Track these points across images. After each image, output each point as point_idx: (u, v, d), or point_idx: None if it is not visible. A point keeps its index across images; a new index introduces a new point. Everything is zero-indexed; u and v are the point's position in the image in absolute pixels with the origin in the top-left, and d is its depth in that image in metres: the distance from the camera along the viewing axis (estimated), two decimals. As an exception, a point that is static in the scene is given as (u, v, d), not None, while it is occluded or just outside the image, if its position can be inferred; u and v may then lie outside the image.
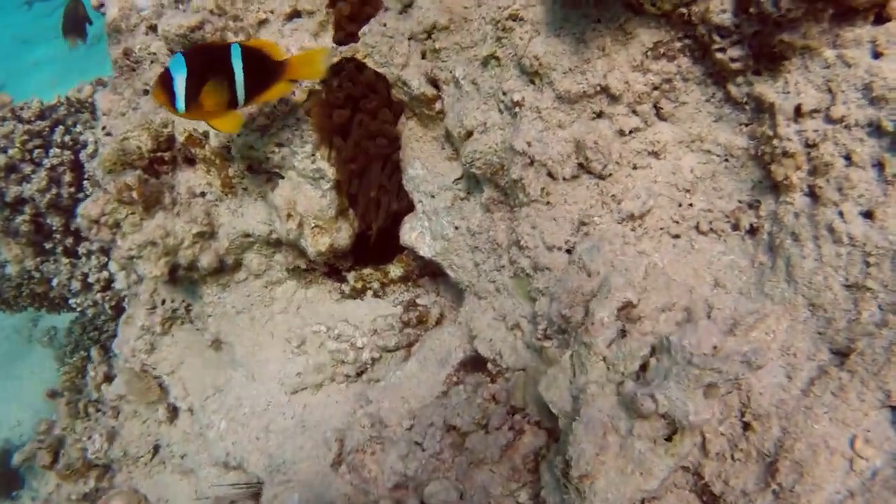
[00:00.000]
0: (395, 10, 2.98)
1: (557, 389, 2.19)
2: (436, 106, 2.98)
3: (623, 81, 2.40)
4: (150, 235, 3.40)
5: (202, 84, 2.45)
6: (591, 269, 2.29)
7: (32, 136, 5.29)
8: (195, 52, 2.55)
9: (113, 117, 3.61)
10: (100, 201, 3.37)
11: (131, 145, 3.49)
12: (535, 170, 2.52)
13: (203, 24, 2.94)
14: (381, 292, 3.65)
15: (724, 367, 1.78)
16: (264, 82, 2.60)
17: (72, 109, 5.68)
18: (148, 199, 3.39)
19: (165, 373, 3.97)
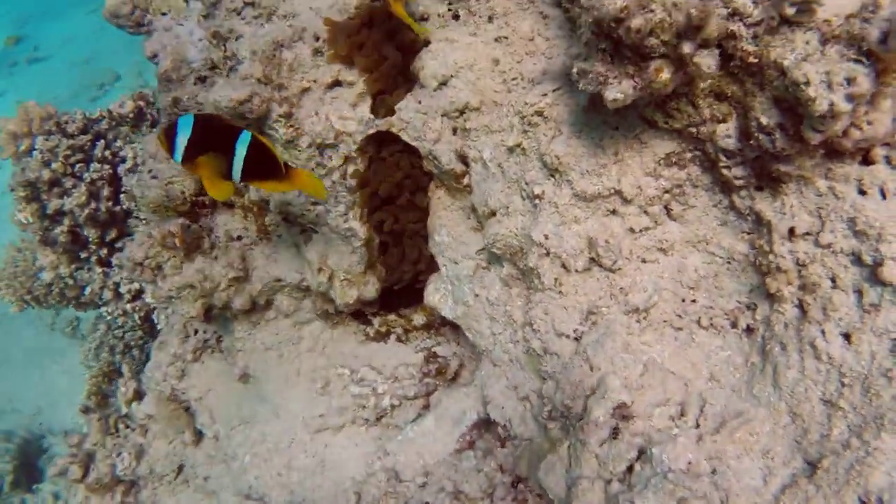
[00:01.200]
0: (431, 87, 3.28)
1: (554, 477, 2.52)
2: (464, 180, 3.28)
3: (635, 186, 2.70)
4: (189, 279, 3.73)
5: (200, 150, 2.70)
6: (594, 363, 2.60)
7: (75, 151, 5.65)
8: (206, 121, 2.79)
9: (159, 161, 3.94)
10: (144, 245, 3.71)
11: (175, 190, 3.82)
12: (551, 261, 2.83)
13: (251, 98, 3.25)
14: (405, 337, 3.97)
15: (695, 486, 2.10)
16: (263, 173, 2.82)
17: (112, 123, 6.03)
18: (189, 246, 3.72)
19: (193, 398, 4.32)
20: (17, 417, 9.00)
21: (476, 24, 3.30)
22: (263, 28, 3.65)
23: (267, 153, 2.78)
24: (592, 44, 2.33)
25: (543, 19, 3.17)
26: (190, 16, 3.91)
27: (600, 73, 2.33)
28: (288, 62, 3.40)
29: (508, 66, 3.18)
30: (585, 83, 2.40)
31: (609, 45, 2.29)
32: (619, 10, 2.13)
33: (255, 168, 2.77)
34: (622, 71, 2.31)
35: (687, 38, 2.18)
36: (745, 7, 2.18)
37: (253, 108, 3.27)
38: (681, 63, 2.26)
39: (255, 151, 2.75)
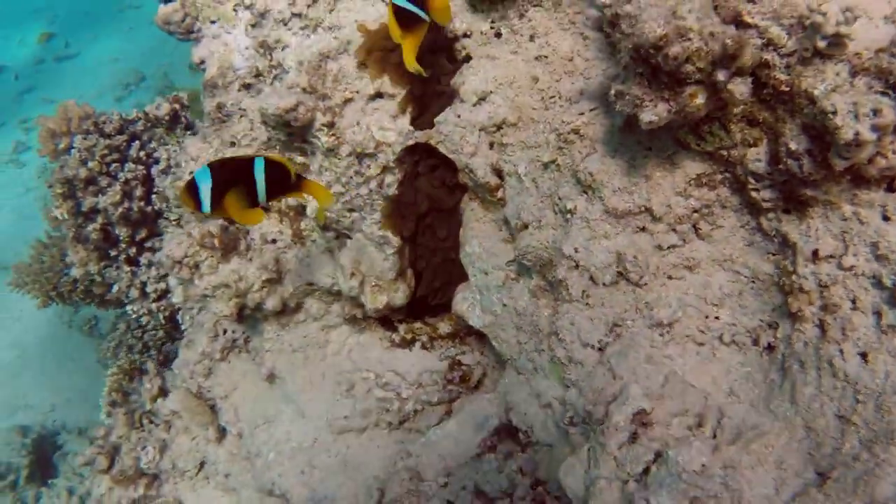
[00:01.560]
0: (470, 102, 3.43)
1: (574, 477, 2.66)
2: (498, 194, 3.43)
3: (665, 205, 2.83)
4: (225, 279, 3.89)
5: (224, 191, 2.90)
6: (617, 373, 2.74)
7: (111, 151, 5.82)
8: (220, 165, 3.00)
9: (199, 164, 4.11)
10: (184, 244, 3.87)
11: (214, 191, 3.98)
12: (579, 273, 2.96)
13: (297, 106, 3.42)
14: (429, 345, 4.10)
15: (707, 486, 2.23)
16: (283, 189, 3.07)
17: (148, 125, 6.21)
18: (226, 246, 3.88)
19: (219, 396, 4.46)
20: (31, 414, 9.13)
21: (517, 42, 3.45)
22: (309, 39, 3.82)
23: (281, 169, 3.01)
24: (630, 68, 2.48)
25: (584, 40, 3.32)
26: (238, 25, 4.08)
27: (637, 95, 2.48)
28: (333, 73, 3.56)
29: (547, 85, 3.33)
30: (622, 104, 2.54)
31: (646, 69, 2.44)
32: (658, 37, 2.27)
33: (275, 187, 3.00)
34: (658, 95, 2.46)
35: (722, 67, 2.32)
36: (779, 38, 2.32)
37: (298, 117, 3.43)
38: (714, 90, 2.40)
39: (271, 172, 2.97)
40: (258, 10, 3.97)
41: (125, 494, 4.63)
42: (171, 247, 3.88)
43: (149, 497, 4.58)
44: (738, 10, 2.39)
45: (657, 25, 2.27)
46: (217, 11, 4.15)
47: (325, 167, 3.62)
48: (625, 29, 2.41)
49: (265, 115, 3.47)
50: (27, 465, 7.75)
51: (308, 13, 3.87)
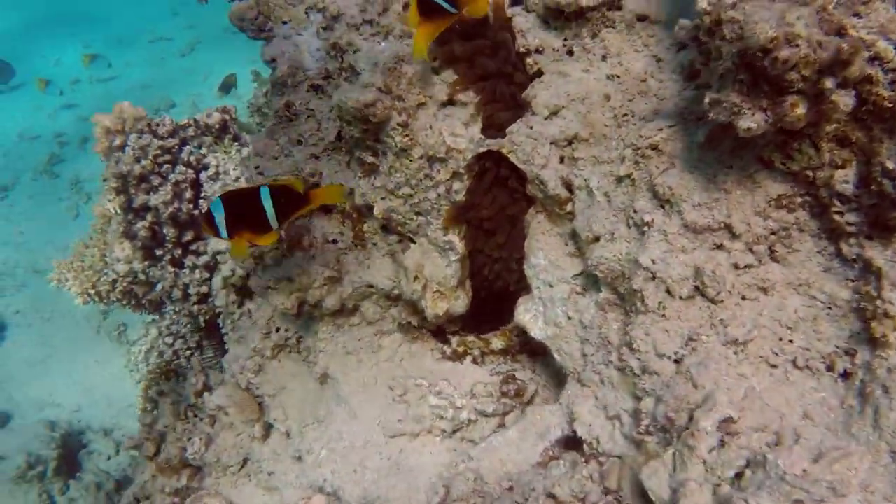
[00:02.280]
0: (542, 115, 3.44)
1: (658, 480, 2.64)
2: (566, 207, 3.42)
3: (745, 223, 2.82)
4: (288, 272, 3.89)
5: (238, 219, 3.20)
6: (698, 382, 2.71)
7: (164, 152, 5.86)
8: (230, 196, 3.30)
9: (266, 159, 4.12)
10: (250, 236, 3.87)
11: (279, 189, 3.99)
12: (656, 285, 2.95)
13: (376, 102, 3.42)
14: (480, 360, 4.08)
15: (813, 489, 2.20)
16: (293, 209, 3.31)
17: (198, 132, 6.26)
18: (292, 240, 3.88)
19: (268, 394, 4.43)
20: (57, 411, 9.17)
21: (590, 61, 3.46)
22: (380, 45, 3.83)
23: (288, 192, 3.25)
24: (729, 75, 2.47)
25: (657, 62, 3.32)
26: (309, 27, 4.10)
27: (735, 103, 2.47)
28: (408, 76, 3.56)
29: (619, 103, 3.33)
30: (718, 112, 2.54)
31: (747, 76, 2.43)
32: (769, 39, 2.27)
33: (284, 209, 3.25)
34: (756, 103, 2.45)
35: (829, 74, 2.31)
36: (886, 52, 2.32)
37: (376, 113, 3.44)
38: (817, 100, 2.40)
39: (277, 198, 3.21)
40: (330, 13, 3.98)
41: (168, 483, 4.62)
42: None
43: (191, 488, 4.55)
44: (842, 23, 2.39)
45: (769, 27, 2.27)
46: (289, 13, 4.18)
47: (396, 168, 3.62)
48: (727, 34, 2.41)
49: (343, 109, 3.48)
50: (55, 457, 7.76)
51: (380, 21, 3.88)
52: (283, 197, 3.23)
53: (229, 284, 5.63)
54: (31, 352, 10.23)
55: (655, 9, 3.36)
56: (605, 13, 3.40)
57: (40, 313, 10.89)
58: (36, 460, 7.79)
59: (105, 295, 7.05)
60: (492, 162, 3.58)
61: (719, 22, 2.45)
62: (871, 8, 2.40)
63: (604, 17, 3.41)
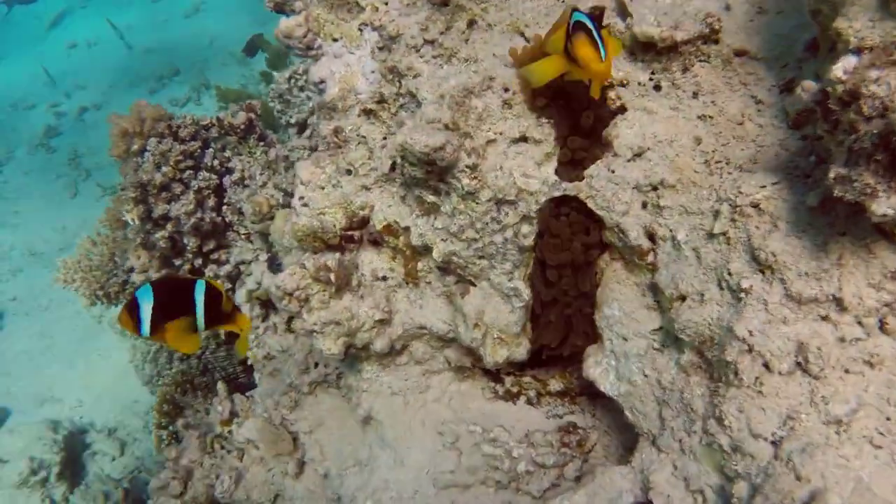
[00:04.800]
0: (624, 157, 3.27)
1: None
2: (647, 258, 3.26)
3: (857, 297, 2.66)
4: (337, 316, 3.72)
5: (166, 313, 2.90)
6: (802, 473, 2.56)
7: (186, 157, 5.66)
8: (162, 283, 3.13)
9: (311, 189, 3.93)
10: (296, 276, 3.70)
11: (327, 221, 3.81)
12: (752, 358, 2.80)
13: (445, 145, 3.24)
14: (536, 401, 3.94)
15: None
16: (219, 318, 3.10)
17: (222, 132, 6.05)
18: (341, 282, 3.71)
19: (304, 431, 4.29)
20: (58, 407, 9.00)
21: (678, 98, 3.30)
22: (442, 70, 3.65)
23: (218, 297, 3.05)
24: (864, 152, 2.31)
25: (756, 104, 3.16)
26: (363, 46, 3.92)
27: (868, 184, 2.31)
28: (477, 111, 3.39)
29: (712, 148, 3.17)
30: (844, 189, 2.38)
31: (886, 156, 2.27)
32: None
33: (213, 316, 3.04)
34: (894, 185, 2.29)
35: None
36: None
37: (445, 157, 3.26)
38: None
39: (210, 297, 3.01)
40: (388, 32, 3.80)
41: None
42: (283, 278, 3.70)
43: (219, 528, 4.41)
44: None
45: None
46: (341, 29, 3.99)
47: (460, 210, 3.45)
48: (866, 110, 2.25)
49: (409, 152, 3.30)
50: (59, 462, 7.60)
51: (443, 42, 3.70)
52: (214, 300, 3.02)
53: (254, 298, 5.49)
54: (30, 343, 10.02)
55: (757, 44, 3.19)
56: (700, 47, 3.23)
57: (38, 301, 10.67)
58: (39, 465, 7.62)
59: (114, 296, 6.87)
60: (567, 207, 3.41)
61: (856, 95, 2.28)
62: None
63: (697, 51, 3.24)
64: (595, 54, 2.74)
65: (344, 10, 3.97)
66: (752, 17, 3.25)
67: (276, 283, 3.72)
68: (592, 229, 3.42)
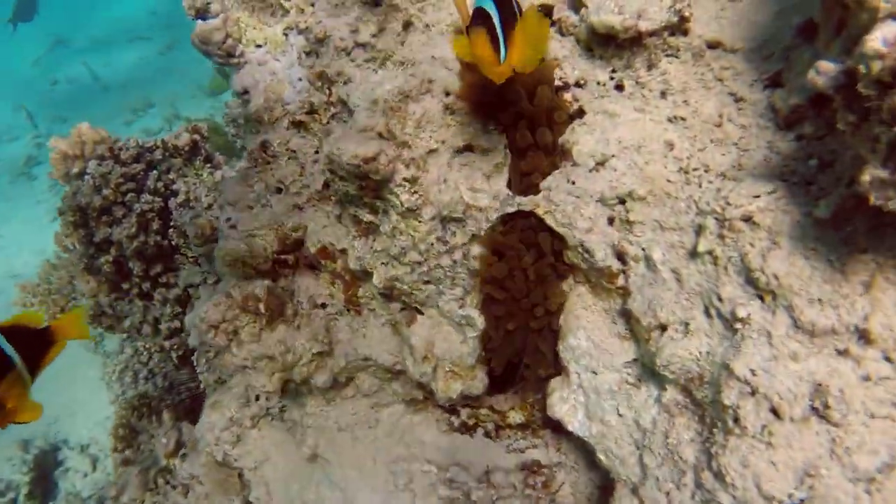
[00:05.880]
0: (586, 167, 2.47)
1: None
2: (617, 281, 2.45)
3: (887, 329, 1.87)
4: (269, 350, 2.89)
5: None
6: (834, 550, 1.77)
7: (127, 179, 4.75)
8: None
9: (239, 209, 3.08)
10: (221, 307, 2.86)
11: (257, 245, 2.96)
12: (756, 402, 1.99)
13: (379, 155, 2.41)
14: (495, 434, 3.12)
15: None
16: (42, 354, 2.29)
17: (166, 154, 5.15)
18: (273, 312, 2.86)
19: (248, 468, 3.42)
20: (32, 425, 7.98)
21: (644, 98, 2.49)
22: (377, 74, 2.83)
23: (28, 333, 2.23)
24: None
25: (735, 102, 2.36)
26: (289, 52, 3.07)
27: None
28: (415, 117, 2.56)
29: (687, 154, 2.37)
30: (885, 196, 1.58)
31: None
32: None
33: (35, 357, 2.24)
34: (953, 192, 1.50)
35: None
36: None
37: (379, 168, 2.43)
38: None
39: (20, 341, 2.18)
40: (315, 35, 2.96)
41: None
42: (207, 310, 2.84)
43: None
44: None
45: None
46: (264, 34, 3.14)
47: (401, 230, 2.62)
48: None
49: (337, 164, 2.46)
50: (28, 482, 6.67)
51: (376, 44, 2.87)
52: (26, 340, 2.21)
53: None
54: (5, 360, 9.01)
55: (733, 34, 2.38)
56: (667, 39, 2.42)
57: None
58: (7, 486, 6.66)
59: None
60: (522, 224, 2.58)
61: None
62: None
63: (664, 44, 2.43)
64: (491, 56, 1.90)
65: (267, 13, 3.12)
66: (723, 5, 2.44)
67: (199, 314, 2.86)
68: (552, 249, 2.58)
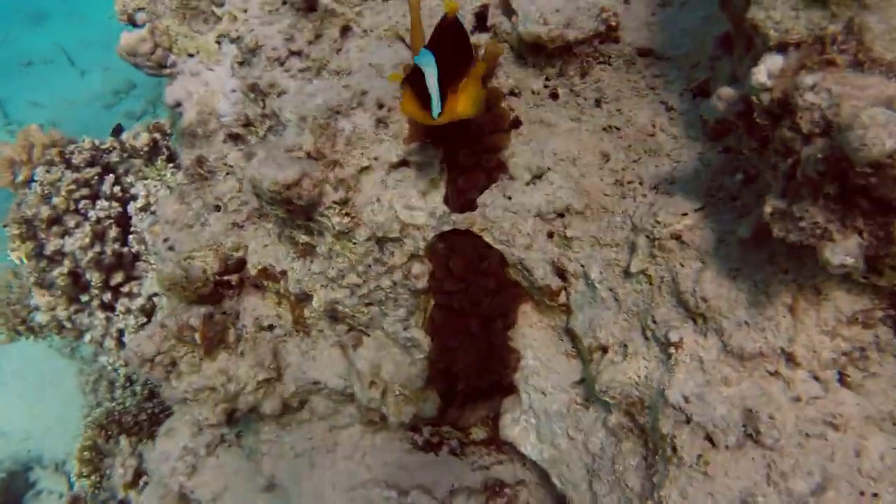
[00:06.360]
0: (523, 180, 2.55)
1: None
2: (559, 298, 2.55)
3: (810, 350, 1.97)
4: (210, 381, 3.00)
5: None
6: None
7: (80, 186, 4.86)
8: None
9: (177, 229, 3.19)
10: (156, 338, 2.96)
11: (196, 269, 3.07)
12: (692, 430, 2.10)
13: (301, 179, 2.50)
14: (459, 451, 3.23)
15: None
16: None
17: (124, 155, 5.25)
18: (211, 341, 2.97)
19: (206, 499, 3.56)
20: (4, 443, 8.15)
21: (580, 107, 2.58)
22: (312, 84, 2.91)
23: None
24: (809, 183, 1.59)
25: (667, 111, 2.44)
26: (222, 61, 3.16)
27: (817, 223, 1.59)
28: (345, 134, 2.65)
29: (622, 165, 2.46)
30: (786, 229, 1.67)
31: (836, 189, 1.55)
32: (886, 153, 1.39)
33: None
34: (849, 223, 1.58)
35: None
36: None
37: (302, 193, 2.52)
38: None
39: None
40: (247, 44, 3.04)
41: None
42: (140, 342, 2.96)
43: None
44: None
45: (887, 135, 1.38)
46: (196, 43, 3.22)
47: (337, 252, 2.72)
48: (804, 125, 1.54)
49: (259, 189, 2.55)
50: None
51: (310, 52, 2.95)
52: None
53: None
54: (-28, 370, 9.17)
55: (662, 41, 2.46)
56: (598, 47, 2.49)
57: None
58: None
59: (38, 329, 6.08)
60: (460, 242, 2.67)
61: (789, 106, 1.56)
62: None
63: (596, 52, 2.51)
64: (418, 114, 2.01)
65: (199, 21, 3.21)
66: (654, 9, 2.51)
67: (132, 348, 2.97)
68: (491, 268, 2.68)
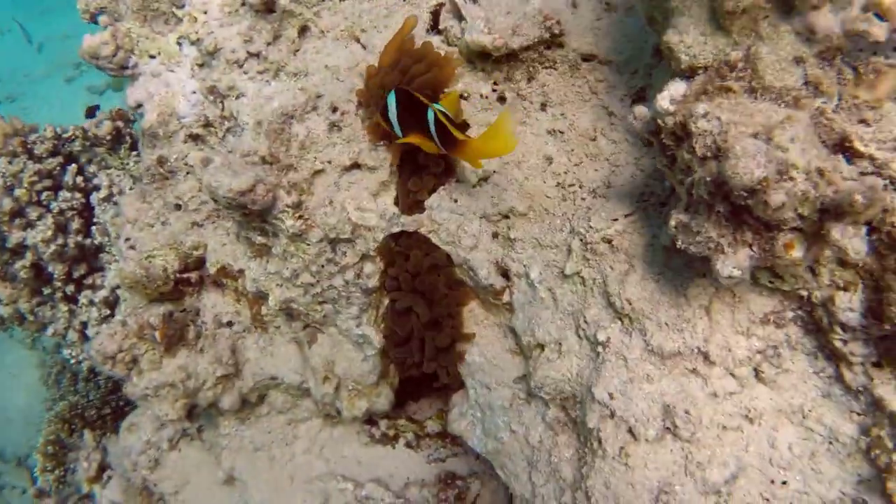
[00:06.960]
0: (469, 182, 2.87)
1: None
2: (503, 297, 2.87)
3: (725, 349, 2.29)
4: (170, 377, 3.30)
5: None
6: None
7: (42, 177, 5.15)
8: None
9: (138, 228, 3.49)
10: (117, 336, 3.27)
11: (156, 267, 3.38)
12: (615, 424, 2.42)
13: (255, 186, 2.80)
14: (415, 444, 3.57)
15: None
16: None
17: (87, 144, 5.52)
18: (170, 339, 3.29)
19: (168, 492, 3.89)
20: (-45, 439, 8.43)
21: (525, 110, 2.88)
22: (269, 86, 3.21)
23: None
24: (703, 201, 1.91)
25: (608, 116, 2.75)
26: (183, 63, 3.45)
27: (711, 238, 1.92)
28: (299, 138, 2.96)
29: (564, 169, 2.77)
30: (687, 242, 1.99)
31: (726, 207, 1.88)
32: (756, 181, 1.71)
33: None
34: (739, 237, 1.90)
35: (834, 217, 1.77)
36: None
37: (256, 199, 2.83)
38: (817, 239, 1.85)
39: None
40: (206, 47, 3.33)
41: None
42: (101, 340, 3.27)
43: None
44: (846, 133, 1.83)
45: (755, 165, 1.71)
46: (157, 45, 3.51)
47: (292, 252, 3.03)
48: (699, 149, 1.85)
49: (215, 195, 2.86)
50: (-45, 506, 7.13)
51: (268, 54, 3.25)
52: None
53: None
54: (-73, 363, 9.45)
55: (605, 47, 2.77)
56: (543, 52, 2.80)
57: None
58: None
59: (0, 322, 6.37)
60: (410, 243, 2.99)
61: (687, 131, 1.88)
62: (882, 113, 1.84)
63: (541, 57, 2.82)
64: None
65: (160, 22, 3.49)
66: (599, 15, 2.82)
67: (94, 346, 3.28)
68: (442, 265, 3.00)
